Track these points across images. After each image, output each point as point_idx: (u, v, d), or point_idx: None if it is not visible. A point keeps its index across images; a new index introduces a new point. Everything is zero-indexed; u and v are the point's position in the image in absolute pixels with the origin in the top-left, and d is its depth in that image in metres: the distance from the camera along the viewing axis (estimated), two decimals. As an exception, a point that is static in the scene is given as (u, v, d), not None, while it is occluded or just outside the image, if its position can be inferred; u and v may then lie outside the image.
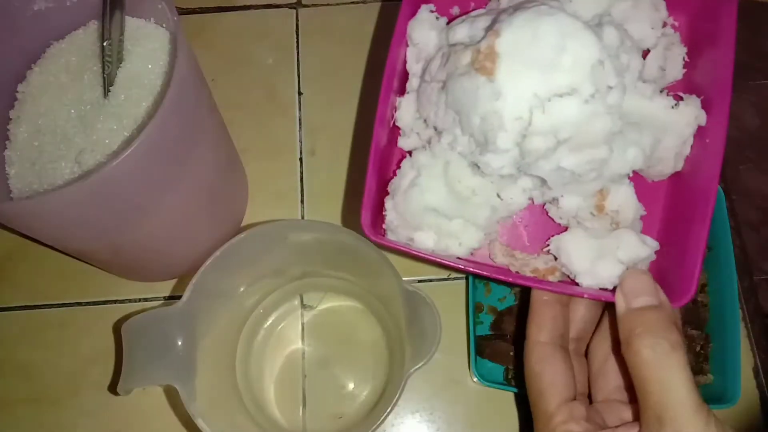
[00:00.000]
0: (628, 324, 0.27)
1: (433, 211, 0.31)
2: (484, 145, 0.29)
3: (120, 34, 0.38)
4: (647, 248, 0.31)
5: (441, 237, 0.32)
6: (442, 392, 0.44)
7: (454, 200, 0.32)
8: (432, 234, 0.32)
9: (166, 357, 0.34)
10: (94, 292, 0.48)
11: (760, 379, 0.44)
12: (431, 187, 0.31)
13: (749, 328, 0.46)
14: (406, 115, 0.34)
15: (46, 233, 0.36)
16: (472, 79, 0.29)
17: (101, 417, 0.45)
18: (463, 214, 0.32)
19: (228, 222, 0.47)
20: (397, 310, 0.37)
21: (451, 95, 0.30)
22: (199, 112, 0.37)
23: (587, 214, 0.32)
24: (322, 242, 0.38)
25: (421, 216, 0.31)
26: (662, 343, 0.26)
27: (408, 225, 0.32)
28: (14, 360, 0.46)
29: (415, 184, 0.31)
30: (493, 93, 0.28)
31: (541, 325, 0.31)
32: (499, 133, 0.28)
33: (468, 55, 0.29)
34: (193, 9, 0.56)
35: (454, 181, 0.31)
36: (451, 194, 0.32)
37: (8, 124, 0.38)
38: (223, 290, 0.39)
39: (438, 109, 0.31)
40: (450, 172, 0.31)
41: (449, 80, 0.30)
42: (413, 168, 0.32)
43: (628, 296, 0.28)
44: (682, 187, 0.33)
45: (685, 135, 0.32)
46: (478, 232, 0.32)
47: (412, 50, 0.34)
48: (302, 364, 0.45)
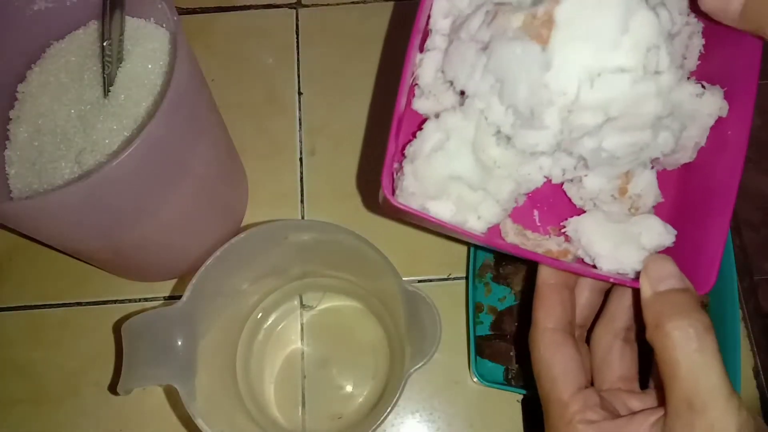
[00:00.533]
0: (657, 307, 0.26)
1: (458, 179, 0.29)
2: (528, 120, 0.27)
3: (120, 34, 0.38)
4: (670, 235, 0.30)
5: (460, 208, 0.29)
6: (442, 392, 0.44)
7: (480, 170, 0.29)
8: (450, 205, 0.29)
9: (166, 357, 0.34)
10: (94, 292, 0.48)
11: (760, 379, 0.44)
12: (460, 152, 0.29)
13: (749, 328, 0.46)
14: (427, 73, 0.31)
15: (46, 233, 0.36)
16: (524, 46, 0.26)
17: (101, 417, 0.45)
18: (487, 186, 0.30)
19: (228, 222, 0.47)
20: (397, 310, 0.37)
21: (495, 60, 0.27)
22: (199, 112, 0.37)
23: (608, 197, 0.31)
24: (322, 242, 0.38)
25: (443, 183, 0.29)
26: (695, 325, 0.25)
27: (425, 192, 0.29)
28: (14, 360, 0.46)
29: (441, 148, 0.29)
30: (545, 63, 0.26)
31: (549, 310, 0.29)
32: (546, 108, 0.26)
33: (520, 18, 0.26)
34: (193, 9, 0.56)
35: (479, 149, 0.29)
36: (478, 163, 0.29)
37: (8, 124, 0.38)
38: (223, 290, 0.39)
39: (474, 72, 0.28)
40: (480, 138, 0.29)
41: (494, 42, 0.27)
42: (440, 130, 0.29)
43: (653, 280, 0.27)
44: (697, 179, 0.32)
45: (706, 125, 0.31)
46: (498, 206, 0.30)
47: (441, 4, 0.31)
48: (302, 364, 0.45)
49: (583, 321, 0.32)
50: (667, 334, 0.25)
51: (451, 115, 0.29)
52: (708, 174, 0.32)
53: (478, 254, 0.46)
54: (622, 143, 0.28)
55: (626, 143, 0.28)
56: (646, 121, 0.28)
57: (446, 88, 0.31)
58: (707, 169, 0.32)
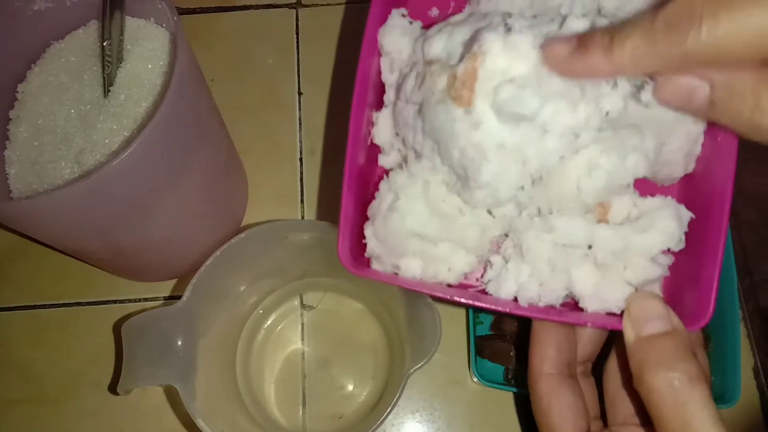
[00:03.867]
0: (639, 354, 0.24)
1: (417, 235, 0.28)
2: (465, 180, 0.26)
3: (120, 34, 0.38)
4: (658, 267, 0.27)
5: (428, 263, 0.28)
6: (442, 392, 0.44)
7: (439, 222, 0.28)
8: (418, 260, 0.28)
9: (166, 357, 0.34)
10: (94, 292, 0.48)
11: (760, 379, 0.44)
12: (412, 210, 0.28)
13: (749, 328, 0.46)
14: (384, 131, 0.30)
15: (46, 233, 0.36)
16: (447, 109, 0.25)
17: (101, 417, 0.45)
18: (450, 236, 0.28)
19: (228, 222, 0.47)
20: (397, 310, 0.37)
21: (428, 123, 0.27)
22: (199, 112, 0.37)
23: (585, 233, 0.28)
24: (322, 242, 0.38)
25: (404, 242, 0.28)
26: (679, 377, 0.23)
27: (392, 252, 0.28)
28: (14, 360, 0.46)
29: (394, 209, 0.28)
30: (473, 124, 0.25)
31: (544, 354, 0.28)
32: (480, 166, 0.25)
33: (444, 80, 0.26)
34: (193, 9, 0.56)
35: (437, 200, 0.28)
36: (435, 216, 0.28)
37: (8, 124, 0.38)
38: (223, 290, 0.39)
39: (416, 134, 0.28)
40: (432, 192, 0.28)
41: (424, 107, 0.27)
42: (391, 190, 0.29)
43: (636, 323, 0.25)
44: (695, 191, 0.30)
45: (695, 134, 0.28)
46: (468, 255, 0.29)
47: (385, 60, 0.30)
48: (302, 364, 0.45)
49: (587, 356, 0.31)
50: (651, 389, 0.23)
51: (398, 174, 0.29)
52: (703, 186, 0.29)
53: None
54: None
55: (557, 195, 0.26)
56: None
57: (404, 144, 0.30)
58: (703, 181, 0.29)
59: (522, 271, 0.28)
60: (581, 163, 0.26)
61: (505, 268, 0.29)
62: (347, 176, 0.28)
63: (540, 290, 0.28)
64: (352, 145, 0.29)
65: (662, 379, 0.23)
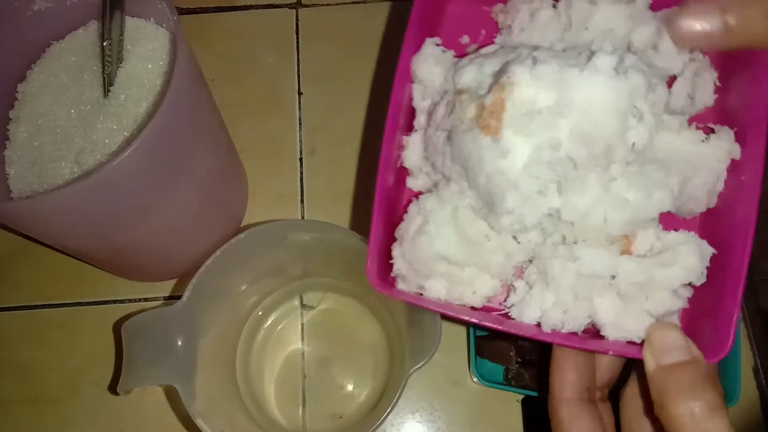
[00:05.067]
0: (660, 384, 0.25)
1: (444, 259, 0.29)
2: (491, 205, 0.27)
3: (120, 34, 0.38)
4: (678, 300, 0.28)
5: (453, 285, 0.29)
6: (442, 392, 0.44)
7: (466, 246, 0.29)
8: (444, 282, 0.29)
9: (166, 357, 0.34)
10: (94, 292, 0.48)
11: (760, 379, 0.44)
12: (441, 233, 0.29)
13: (749, 328, 0.46)
14: (413, 155, 0.31)
15: (46, 233, 0.36)
16: (476, 138, 0.26)
17: (101, 417, 0.45)
18: (476, 261, 0.29)
19: (228, 222, 0.47)
20: (397, 310, 0.37)
21: (456, 150, 0.28)
22: (199, 112, 0.37)
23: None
24: (322, 242, 0.38)
25: (431, 264, 0.29)
26: (700, 406, 0.23)
27: (418, 274, 0.30)
28: (14, 360, 0.46)
29: (423, 232, 0.29)
30: (500, 152, 0.26)
31: (564, 379, 0.28)
32: (506, 194, 0.26)
33: (473, 109, 0.27)
34: (193, 9, 0.56)
35: (465, 225, 0.29)
36: (462, 240, 0.29)
37: (8, 124, 0.38)
38: (223, 290, 0.39)
39: (445, 159, 0.29)
40: (460, 217, 0.29)
41: (453, 134, 0.28)
42: (420, 214, 0.29)
43: (657, 352, 0.25)
44: (716, 226, 0.30)
45: (718, 171, 0.29)
46: (492, 279, 0.30)
47: (417, 87, 0.31)
48: (302, 364, 0.45)
49: (605, 382, 0.31)
50: (671, 417, 0.24)
51: (428, 198, 0.30)
52: (725, 222, 0.29)
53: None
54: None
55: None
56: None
57: (434, 168, 0.31)
58: (724, 217, 0.29)
59: (546, 299, 0.28)
60: (608, 196, 0.27)
61: (528, 294, 0.29)
62: (378, 197, 0.29)
63: (563, 317, 0.28)
64: (383, 167, 0.29)
65: (683, 408, 0.24)
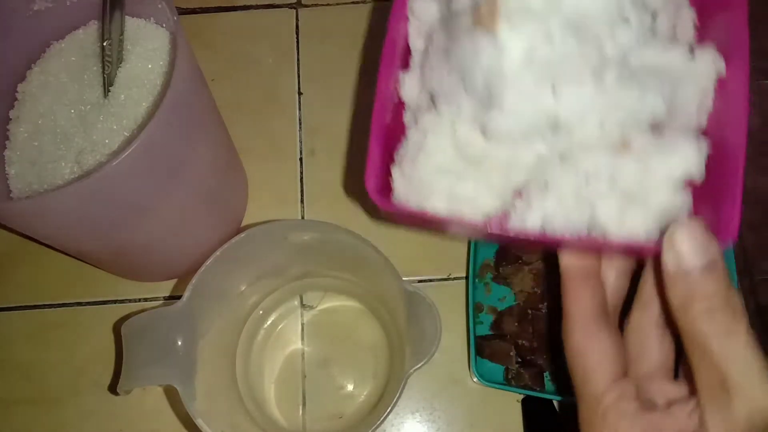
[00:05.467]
0: (683, 285, 0.24)
1: (443, 173, 0.29)
2: (488, 104, 0.28)
3: (120, 34, 0.38)
4: (679, 197, 0.28)
5: (453, 203, 0.29)
6: (442, 392, 0.44)
7: (465, 163, 0.30)
8: (444, 200, 0.30)
9: (166, 357, 0.34)
10: (94, 292, 0.48)
11: (760, 379, 0.44)
12: (440, 147, 0.29)
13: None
14: (410, 90, 0.32)
15: (46, 233, 0.36)
16: (473, 38, 0.27)
17: (101, 417, 0.45)
18: (476, 177, 0.30)
19: (228, 222, 0.47)
20: (398, 310, 0.37)
21: (454, 57, 0.29)
22: (199, 112, 0.37)
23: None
24: (322, 242, 0.38)
25: (430, 180, 0.30)
26: (723, 309, 0.23)
27: (418, 193, 0.30)
28: (14, 360, 0.46)
29: (422, 148, 0.30)
30: (497, 49, 0.27)
31: (579, 297, 0.27)
32: (504, 91, 0.27)
33: (469, 18, 0.28)
34: (193, 9, 0.56)
35: (464, 144, 0.29)
36: (461, 157, 0.30)
37: (8, 124, 0.38)
38: (223, 290, 0.39)
39: (442, 74, 0.30)
40: (458, 132, 0.29)
41: (452, 43, 0.29)
42: (419, 131, 0.30)
43: (679, 253, 0.24)
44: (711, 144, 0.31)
45: (705, 86, 0.30)
46: (492, 197, 0.30)
47: (413, 24, 0.32)
48: (302, 364, 0.45)
49: (611, 308, 0.30)
50: (695, 317, 0.23)
51: (427, 114, 0.30)
52: (717, 138, 0.30)
53: (478, 254, 0.46)
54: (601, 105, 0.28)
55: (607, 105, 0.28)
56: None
57: (431, 101, 0.31)
58: (716, 133, 0.30)
59: (547, 204, 0.28)
60: (603, 98, 0.27)
61: (528, 205, 0.29)
62: (375, 120, 0.30)
63: (565, 222, 0.28)
64: (380, 99, 0.30)
65: (709, 308, 0.23)
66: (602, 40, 0.27)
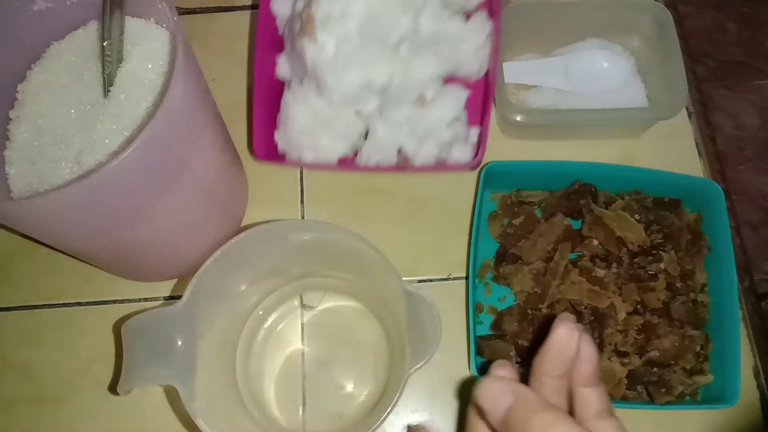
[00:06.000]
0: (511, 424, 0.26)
1: (305, 134, 0.43)
2: (321, 86, 0.41)
3: (120, 34, 0.38)
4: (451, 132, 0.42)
5: (317, 152, 0.43)
6: (442, 392, 0.44)
7: (320, 123, 0.43)
8: (311, 151, 0.43)
9: (166, 357, 0.34)
10: (94, 292, 0.48)
11: (760, 379, 0.44)
12: (299, 114, 0.42)
13: (749, 328, 0.46)
14: (284, 69, 0.45)
15: (46, 233, 0.36)
16: (303, 41, 0.40)
17: (101, 417, 0.45)
18: (329, 132, 0.43)
19: (228, 222, 0.47)
20: (398, 310, 0.37)
21: (296, 53, 0.42)
22: (199, 112, 0.37)
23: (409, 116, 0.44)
24: (322, 242, 0.38)
25: (298, 138, 0.43)
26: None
27: (294, 147, 0.43)
28: (14, 360, 0.46)
29: (289, 116, 0.43)
30: (317, 48, 0.40)
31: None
32: (327, 75, 0.40)
33: (298, 24, 0.41)
34: (193, 9, 0.56)
35: (315, 107, 0.42)
36: (317, 119, 0.42)
37: (8, 124, 0.38)
38: (223, 290, 0.39)
39: (294, 61, 0.43)
40: (311, 102, 0.42)
41: (294, 40, 0.42)
42: (285, 105, 0.43)
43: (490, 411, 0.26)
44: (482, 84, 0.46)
45: (479, 41, 0.43)
46: (344, 144, 0.43)
47: (278, 19, 0.45)
48: (302, 364, 0.45)
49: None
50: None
51: (287, 92, 0.44)
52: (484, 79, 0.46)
53: (478, 254, 0.46)
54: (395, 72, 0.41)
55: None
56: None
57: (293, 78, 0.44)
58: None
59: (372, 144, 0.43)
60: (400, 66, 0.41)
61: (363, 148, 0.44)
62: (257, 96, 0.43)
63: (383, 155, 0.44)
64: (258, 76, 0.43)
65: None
66: (390, 26, 0.40)
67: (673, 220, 0.45)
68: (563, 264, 0.43)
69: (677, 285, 0.43)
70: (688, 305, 0.43)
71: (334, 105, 0.41)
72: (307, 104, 0.42)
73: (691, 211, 0.46)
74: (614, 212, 0.44)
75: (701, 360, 0.43)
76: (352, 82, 0.40)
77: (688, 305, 0.43)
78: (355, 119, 0.42)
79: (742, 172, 1.07)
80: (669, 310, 0.43)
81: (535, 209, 0.47)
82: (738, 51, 1.21)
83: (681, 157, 0.51)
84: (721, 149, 0.92)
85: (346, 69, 0.40)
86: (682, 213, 0.46)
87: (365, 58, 0.40)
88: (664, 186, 0.46)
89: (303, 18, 0.40)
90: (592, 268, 0.43)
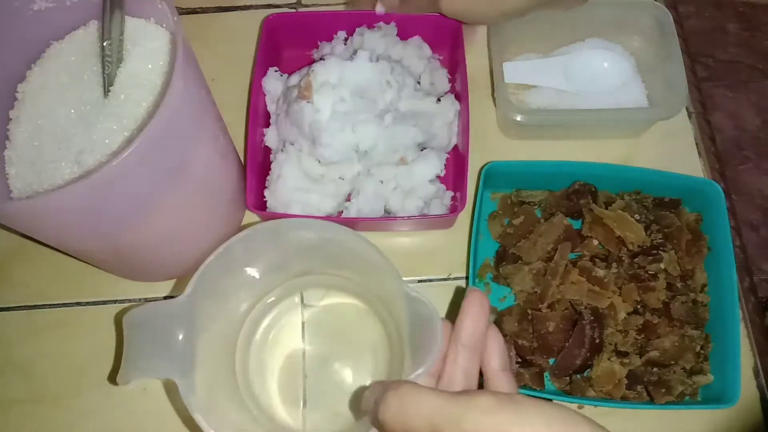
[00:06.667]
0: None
1: (297, 190, 0.46)
2: (315, 144, 0.46)
3: (120, 34, 0.38)
4: (433, 188, 0.47)
5: (305, 208, 0.46)
6: (442, 392, 0.44)
7: (310, 182, 0.47)
8: (300, 207, 0.46)
9: (166, 350, 0.34)
10: (94, 292, 0.48)
11: (760, 379, 0.44)
12: (292, 174, 0.46)
13: (749, 328, 0.46)
14: (271, 139, 0.49)
15: (46, 233, 0.36)
16: (300, 105, 0.45)
17: (101, 417, 0.45)
18: (318, 191, 0.47)
19: (228, 222, 0.47)
20: (398, 311, 0.37)
21: (291, 116, 0.47)
22: (199, 112, 0.37)
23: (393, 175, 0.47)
24: (323, 242, 0.38)
25: (289, 196, 0.46)
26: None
27: (282, 205, 0.46)
28: (14, 360, 0.46)
29: (280, 176, 0.46)
30: (314, 110, 0.45)
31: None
32: (322, 134, 0.45)
33: (296, 90, 0.47)
34: (193, 9, 0.56)
35: (307, 170, 0.47)
36: (307, 178, 0.47)
37: (8, 124, 0.38)
38: (223, 288, 0.39)
39: (286, 127, 0.47)
40: (303, 165, 0.47)
41: (289, 107, 0.47)
42: (278, 165, 0.47)
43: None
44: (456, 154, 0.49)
45: (449, 118, 0.48)
46: (330, 201, 0.47)
47: (268, 96, 0.50)
48: (303, 362, 0.44)
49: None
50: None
51: (280, 154, 0.48)
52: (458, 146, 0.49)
53: (478, 254, 0.46)
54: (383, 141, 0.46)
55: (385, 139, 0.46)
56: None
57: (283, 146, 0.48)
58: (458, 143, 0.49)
59: (360, 200, 0.47)
60: (385, 133, 0.46)
61: (350, 204, 0.47)
62: (249, 161, 0.46)
63: (370, 210, 0.47)
64: (251, 148, 0.46)
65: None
66: (377, 98, 0.47)
67: (673, 220, 0.45)
68: (563, 264, 0.43)
69: (677, 285, 0.43)
70: (688, 305, 0.43)
71: (325, 165, 0.46)
72: (299, 164, 0.46)
73: (691, 211, 0.46)
74: (614, 212, 0.45)
75: (701, 360, 0.43)
76: (344, 141, 0.45)
77: (688, 305, 0.43)
78: (342, 182, 0.47)
79: (742, 172, 1.07)
80: (669, 310, 0.43)
81: (535, 209, 0.47)
82: (738, 51, 1.21)
83: (681, 157, 0.51)
84: (721, 149, 0.92)
85: (339, 130, 0.45)
86: (682, 213, 0.46)
87: (356, 122, 0.45)
88: (664, 186, 0.46)
89: (302, 84, 0.45)
90: (592, 268, 0.43)
